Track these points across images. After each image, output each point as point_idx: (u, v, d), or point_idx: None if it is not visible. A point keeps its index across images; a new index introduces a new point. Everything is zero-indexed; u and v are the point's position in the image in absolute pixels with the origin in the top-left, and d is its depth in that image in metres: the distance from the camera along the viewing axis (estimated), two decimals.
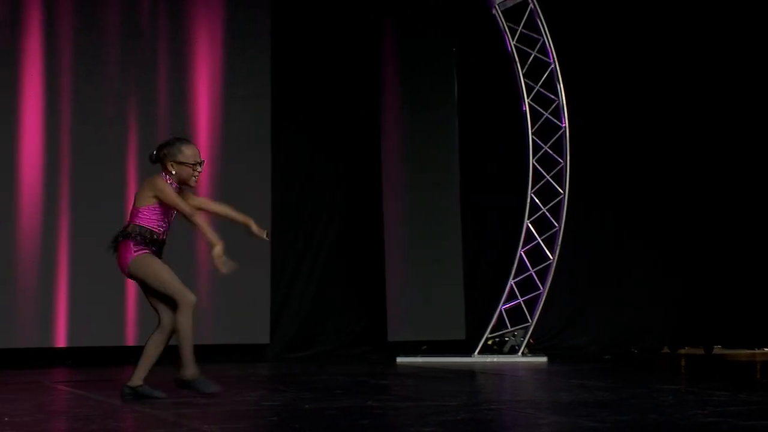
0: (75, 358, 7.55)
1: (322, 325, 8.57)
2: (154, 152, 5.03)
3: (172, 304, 5.04)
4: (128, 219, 5.03)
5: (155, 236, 5.03)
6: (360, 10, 8.63)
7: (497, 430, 4.25)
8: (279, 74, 8.23)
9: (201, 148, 7.92)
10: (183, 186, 5.05)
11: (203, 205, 5.24)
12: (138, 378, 5.14)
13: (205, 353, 7.92)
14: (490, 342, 7.95)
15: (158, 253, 5.08)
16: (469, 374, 6.88)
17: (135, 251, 4.98)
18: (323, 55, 8.60)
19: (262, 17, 8.12)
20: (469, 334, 8.23)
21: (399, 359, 7.79)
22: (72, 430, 4.13)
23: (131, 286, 7.53)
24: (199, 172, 5.03)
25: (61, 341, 7.43)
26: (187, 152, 5.00)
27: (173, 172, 4.99)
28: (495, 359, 7.80)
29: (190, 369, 5.04)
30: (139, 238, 4.98)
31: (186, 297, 5.00)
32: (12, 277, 7.31)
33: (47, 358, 7.44)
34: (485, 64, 8.67)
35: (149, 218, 5.02)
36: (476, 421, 4.38)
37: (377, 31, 8.60)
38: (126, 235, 4.98)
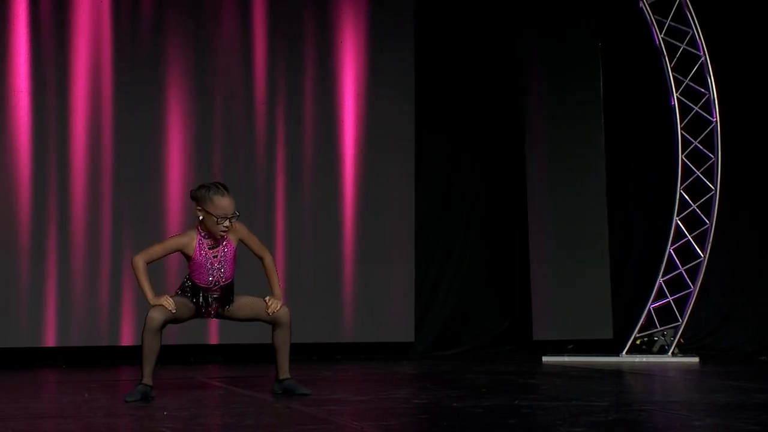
0: (225, 354, 7.76)
1: (466, 323, 8.55)
2: (193, 190, 5.11)
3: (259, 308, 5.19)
4: None
5: (202, 291, 5.15)
6: (503, 8, 8.57)
7: (650, 431, 4.16)
8: (422, 74, 8.25)
9: (346, 148, 8.10)
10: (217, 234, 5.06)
11: (263, 258, 5.28)
12: (284, 371, 5.26)
13: (349, 351, 8.05)
14: (638, 341, 7.78)
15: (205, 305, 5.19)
16: (618, 374, 6.76)
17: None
18: (466, 54, 8.57)
19: (405, 17, 8.16)
20: (617, 333, 8.07)
21: (545, 358, 7.71)
22: (228, 425, 4.24)
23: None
24: (226, 226, 5.03)
25: (213, 338, 7.64)
26: (216, 203, 5.01)
27: (200, 218, 5.06)
28: (644, 359, 7.64)
29: (145, 378, 5.12)
30: (185, 288, 5.18)
31: (149, 314, 5.06)
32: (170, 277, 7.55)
33: (200, 354, 7.66)
34: (632, 58, 8.49)
35: (194, 275, 5.16)
36: (628, 422, 4.30)
37: (520, 28, 8.52)
38: (184, 280, 5.24)
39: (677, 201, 7.78)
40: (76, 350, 7.41)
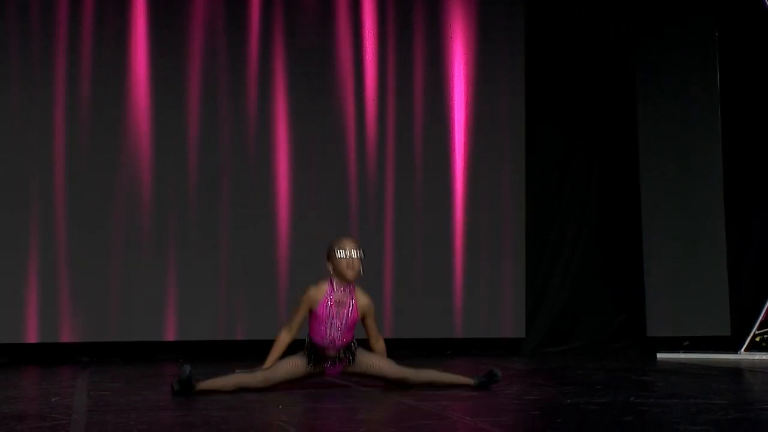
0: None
1: (578, 319, 8.44)
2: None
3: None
4: None
5: (318, 351, 5.18)
6: None
7: None
8: (533, 67, 8.18)
9: (456, 143, 8.08)
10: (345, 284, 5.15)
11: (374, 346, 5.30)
12: None
13: (459, 347, 8.04)
14: (758, 339, 7.57)
15: (332, 363, 5.22)
16: (737, 372, 6.59)
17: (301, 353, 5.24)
18: (577, 45, 8.47)
19: (515, 10, 8.11)
20: (735, 330, 7.86)
21: (660, 355, 7.57)
22: (342, 419, 4.29)
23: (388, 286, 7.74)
24: (349, 263, 5.10)
25: None
26: (338, 243, 5.14)
27: (330, 269, 5.16)
28: (764, 357, 7.43)
29: (209, 382, 5.16)
30: (306, 349, 5.23)
31: (255, 376, 5.17)
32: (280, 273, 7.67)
33: None
34: (751, 48, 8.24)
35: (312, 331, 5.20)
36: (750, 421, 4.19)
37: (633, 18, 8.37)
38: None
39: None
40: (193, 344, 7.57)
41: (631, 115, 8.31)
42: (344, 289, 5.15)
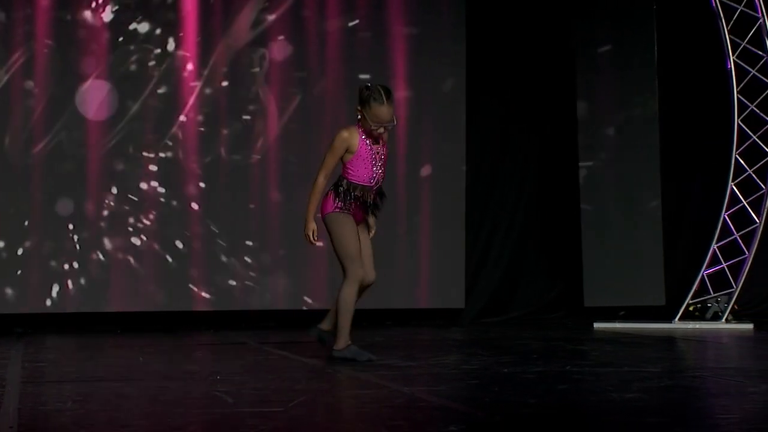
0: (277, 320, 7.80)
1: (516, 290, 8.50)
2: (362, 88, 5.09)
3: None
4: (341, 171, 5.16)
5: (360, 191, 5.09)
6: None
7: (704, 397, 4.13)
8: (474, 39, 8.17)
9: (397, 112, 8.05)
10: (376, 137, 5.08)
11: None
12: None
13: (398, 317, 8.07)
14: (691, 308, 7.69)
15: (365, 210, 5.15)
16: (670, 341, 6.71)
17: (334, 206, 5.08)
18: (516, 17, 8.47)
19: None
20: (669, 299, 8.00)
21: (596, 325, 7.66)
22: (280, 390, 4.29)
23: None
24: (380, 132, 5.05)
25: (266, 304, 7.70)
26: (374, 111, 5.00)
27: (359, 117, 5.07)
28: (697, 326, 7.56)
29: (341, 341, 5.14)
30: (342, 194, 5.07)
31: (356, 270, 5.09)
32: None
33: (252, 320, 7.71)
34: (688, 21, 8.32)
35: (354, 173, 5.08)
36: (681, 388, 4.28)
37: None
38: (334, 186, 5.12)
39: (732, 166, 7.64)
40: (134, 315, 7.51)
41: (570, 88, 8.36)
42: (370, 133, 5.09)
